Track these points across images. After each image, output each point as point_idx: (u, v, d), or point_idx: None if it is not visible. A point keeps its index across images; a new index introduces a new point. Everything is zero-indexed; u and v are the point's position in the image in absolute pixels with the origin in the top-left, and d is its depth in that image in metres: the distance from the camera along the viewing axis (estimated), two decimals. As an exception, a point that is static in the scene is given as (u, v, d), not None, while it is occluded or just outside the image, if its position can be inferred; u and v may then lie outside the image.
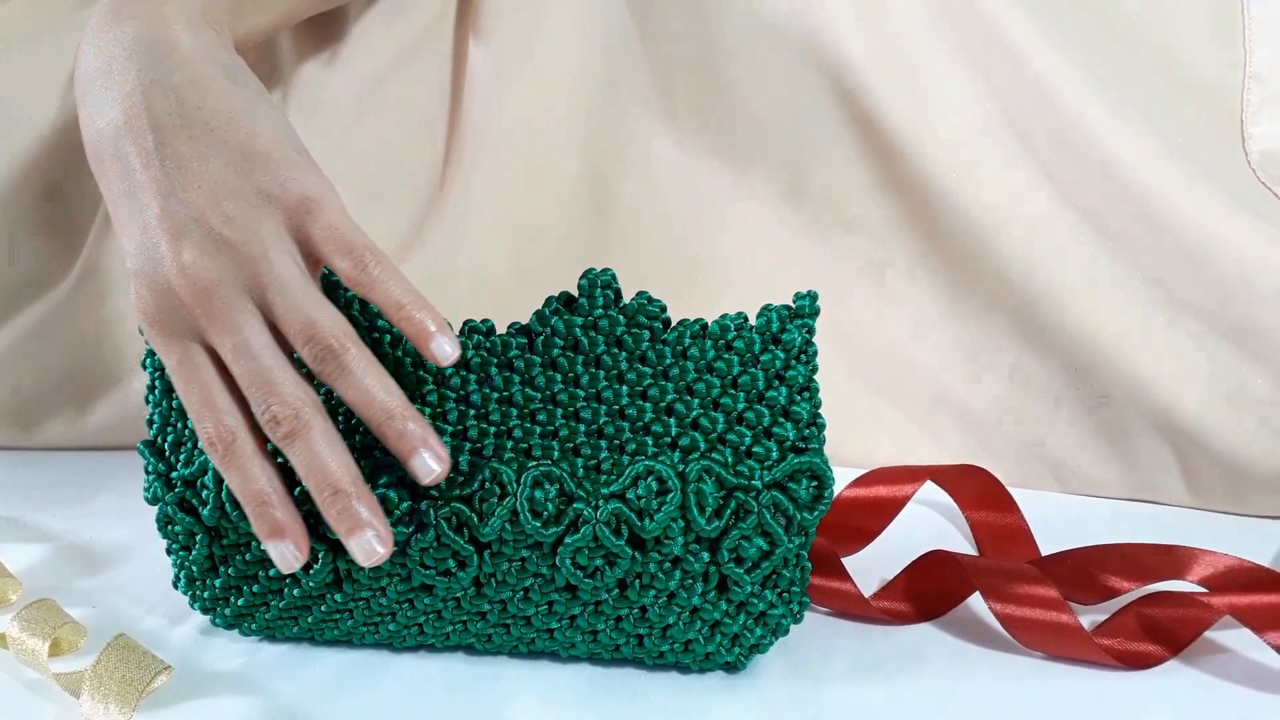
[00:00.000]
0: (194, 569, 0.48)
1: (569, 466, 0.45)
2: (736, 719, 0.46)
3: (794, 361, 0.46)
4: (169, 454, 0.47)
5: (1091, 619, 0.51)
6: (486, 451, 0.46)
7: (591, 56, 0.67)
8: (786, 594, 0.46)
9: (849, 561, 0.54)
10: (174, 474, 0.47)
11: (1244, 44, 0.64)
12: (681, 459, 0.45)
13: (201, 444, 0.44)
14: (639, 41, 0.68)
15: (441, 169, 0.68)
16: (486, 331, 0.48)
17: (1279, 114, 0.63)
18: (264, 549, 0.45)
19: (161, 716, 0.46)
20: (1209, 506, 0.63)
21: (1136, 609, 0.50)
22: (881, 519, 0.57)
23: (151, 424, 0.48)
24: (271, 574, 0.47)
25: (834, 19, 0.64)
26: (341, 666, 0.49)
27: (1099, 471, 0.65)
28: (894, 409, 0.69)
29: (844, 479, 0.58)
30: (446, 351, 0.44)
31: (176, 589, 0.49)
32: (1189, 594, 0.49)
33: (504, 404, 0.46)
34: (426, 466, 0.43)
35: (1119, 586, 0.52)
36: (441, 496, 0.44)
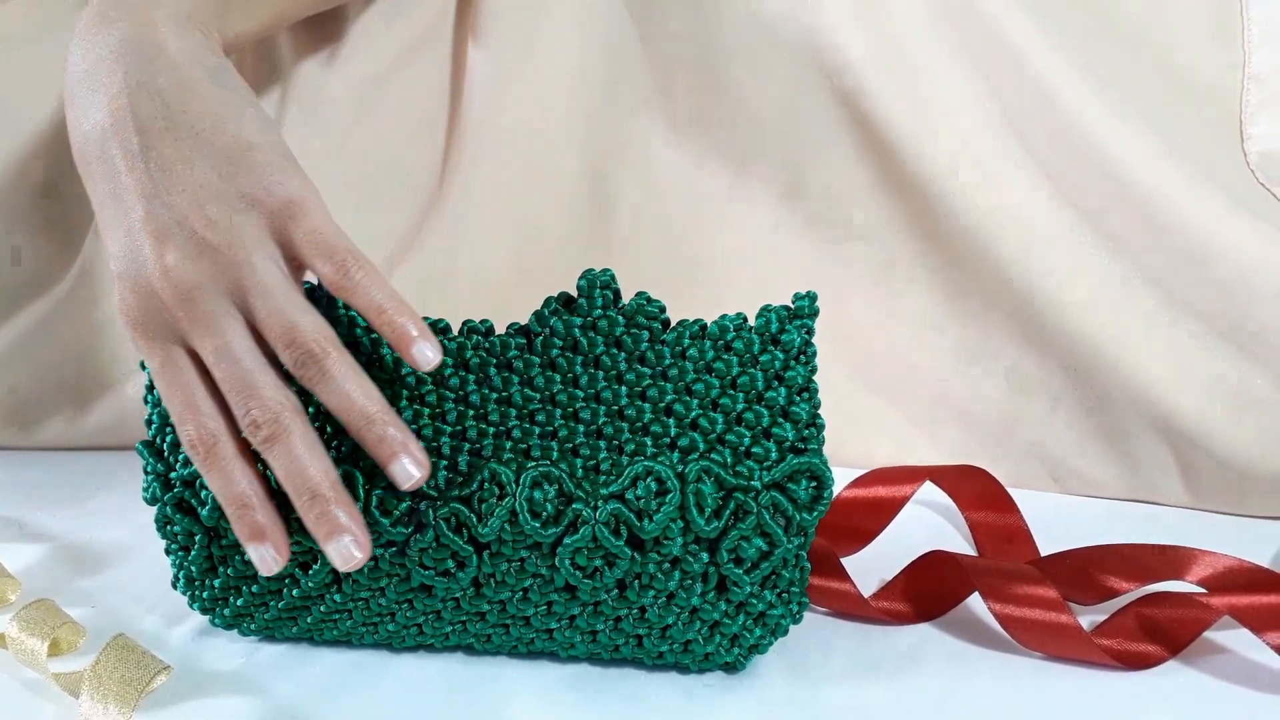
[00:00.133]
0: (193, 569, 0.48)
1: (568, 467, 0.45)
2: (736, 719, 0.46)
3: (793, 362, 0.46)
4: (168, 454, 0.47)
5: (1091, 619, 0.51)
6: (485, 452, 0.46)
7: (591, 57, 0.67)
8: (786, 594, 0.46)
9: (848, 562, 0.54)
10: (173, 474, 0.47)
11: (1243, 45, 0.64)
12: (681, 459, 0.45)
13: (183, 446, 0.45)
14: (639, 42, 0.68)
15: (441, 169, 0.68)
16: (486, 332, 0.48)
17: (1278, 115, 0.63)
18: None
19: (161, 716, 0.46)
20: (1208, 507, 0.63)
21: (1136, 609, 0.50)
22: (881, 519, 0.57)
23: (150, 424, 0.48)
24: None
25: (834, 19, 0.64)
26: (341, 666, 0.49)
27: (1098, 472, 0.65)
28: (893, 409, 0.69)
29: (843, 479, 0.58)
30: (428, 356, 0.44)
31: (175, 589, 0.49)
32: (1188, 594, 0.49)
33: (503, 404, 0.46)
34: (406, 472, 0.43)
35: (1118, 587, 0.52)
36: (440, 497, 0.44)
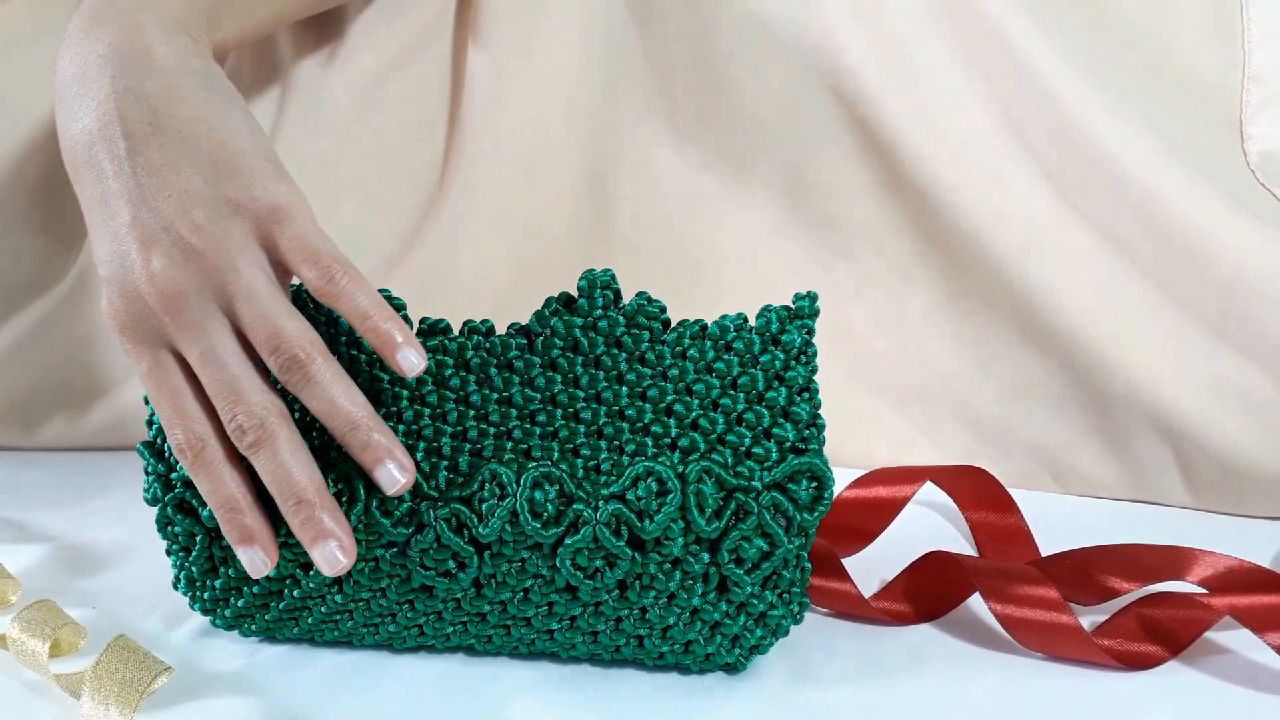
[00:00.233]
0: (194, 570, 0.48)
1: (569, 467, 0.45)
2: (736, 719, 0.46)
3: (794, 362, 0.46)
4: (169, 455, 0.47)
5: (1091, 620, 0.51)
6: (486, 453, 0.46)
7: (591, 57, 0.67)
8: (786, 595, 0.46)
9: (849, 562, 0.54)
10: (174, 475, 0.47)
11: (1243, 45, 0.64)
12: (681, 460, 0.45)
13: (171, 449, 0.45)
14: (639, 42, 0.68)
15: (441, 169, 0.68)
16: (486, 332, 0.48)
17: (1278, 115, 0.63)
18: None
19: (162, 717, 0.46)
20: (1209, 507, 0.63)
21: (1136, 610, 0.50)
22: (881, 520, 0.57)
23: (151, 425, 0.48)
24: (271, 575, 0.47)
25: (833, 19, 0.64)
26: (341, 667, 0.49)
27: (1098, 472, 0.65)
28: (893, 410, 0.68)
29: (844, 480, 0.58)
30: (413, 362, 0.44)
31: (176, 590, 0.49)
32: (1189, 595, 0.49)
33: (504, 405, 0.46)
34: (391, 477, 0.43)
35: (1119, 587, 0.52)
36: (441, 497, 0.44)
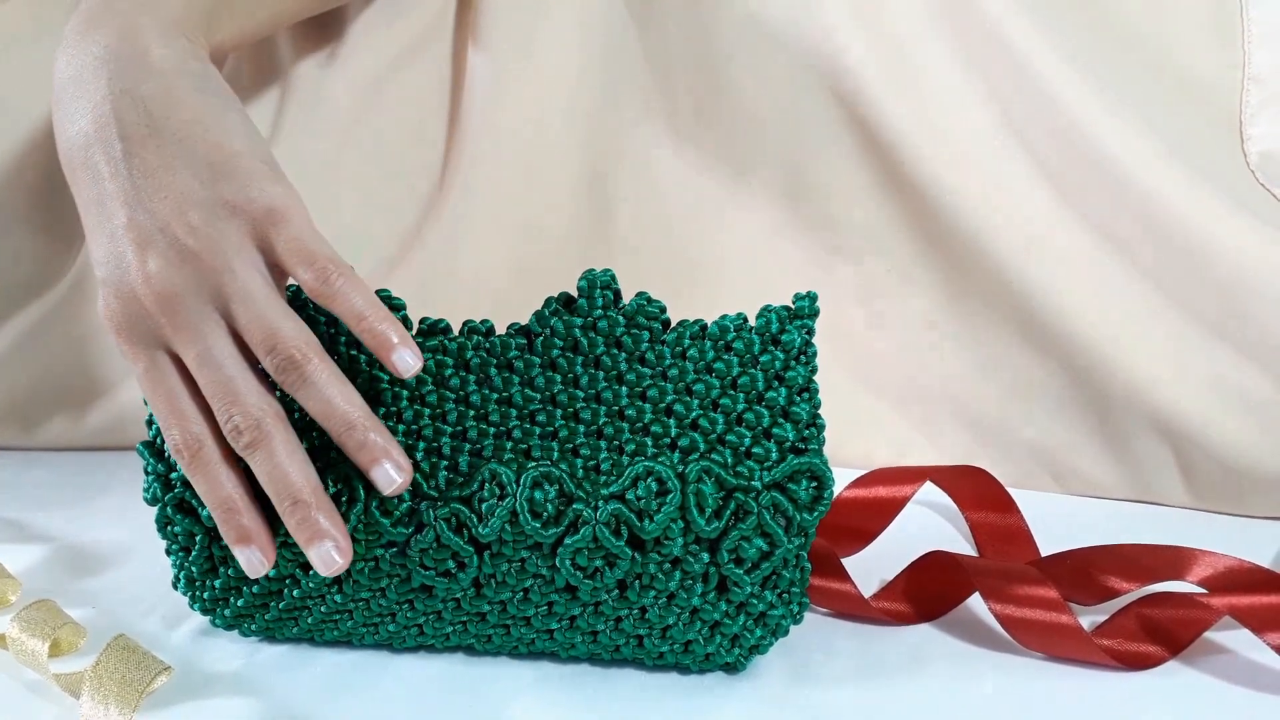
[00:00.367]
0: (193, 570, 0.48)
1: (568, 467, 0.45)
2: (736, 719, 0.46)
3: (793, 362, 0.46)
4: (168, 455, 0.47)
5: (1091, 620, 0.51)
6: (486, 452, 0.46)
7: (591, 58, 0.67)
8: (786, 595, 0.46)
9: (849, 562, 0.54)
10: (173, 475, 0.47)
11: (1243, 45, 0.64)
12: (681, 460, 0.45)
13: (169, 450, 0.45)
14: (638, 43, 0.68)
15: (441, 169, 0.68)
16: (486, 332, 0.48)
17: (1278, 115, 0.63)
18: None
19: (161, 717, 0.46)
20: (1208, 507, 0.63)
21: (1136, 610, 0.50)
22: (881, 520, 0.57)
23: (151, 425, 0.48)
24: (271, 575, 0.47)
25: (833, 20, 0.64)
26: (341, 667, 0.49)
27: (1098, 472, 0.65)
28: (893, 410, 0.68)
29: (844, 480, 0.58)
30: (409, 363, 0.44)
31: (176, 590, 0.49)
32: (1189, 595, 0.49)
33: (503, 405, 0.46)
34: (387, 477, 0.43)
35: (1119, 587, 0.52)
36: (441, 497, 0.44)
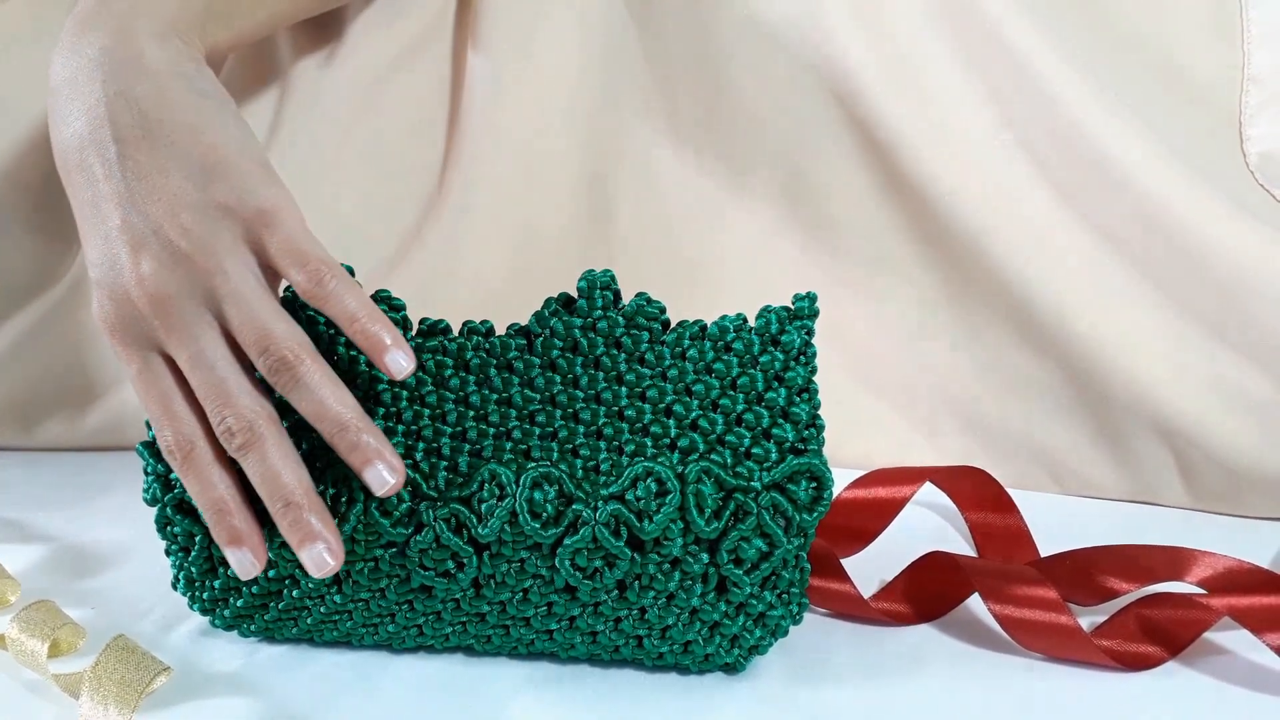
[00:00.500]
0: (193, 570, 0.48)
1: (568, 468, 0.45)
2: (736, 719, 0.46)
3: (793, 363, 0.46)
4: (168, 455, 0.47)
5: (1091, 620, 0.51)
6: (485, 453, 0.46)
7: (591, 58, 0.67)
8: (786, 595, 0.46)
9: (848, 563, 0.54)
10: (173, 475, 0.47)
11: (1243, 46, 0.64)
12: (681, 460, 0.45)
13: (161, 451, 0.45)
14: (638, 44, 0.68)
15: (441, 169, 0.68)
16: (486, 332, 0.48)
17: (1278, 115, 0.63)
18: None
19: (161, 717, 0.46)
20: (1208, 508, 0.63)
21: (1136, 610, 0.50)
22: (881, 520, 0.57)
23: (150, 425, 0.48)
24: (270, 575, 0.47)
25: (833, 21, 0.64)
26: (341, 667, 0.49)
27: (1098, 473, 0.65)
28: (893, 410, 0.68)
29: (843, 480, 0.58)
30: (401, 365, 0.44)
31: (176, 590, 0.49)
32: (1188, 595, 0.49)
33: (503, 405, 0.46)
34: (380, 478, 0.43)
35: (1118, 588, 0.52)
36: (440, 498, 0.44)
